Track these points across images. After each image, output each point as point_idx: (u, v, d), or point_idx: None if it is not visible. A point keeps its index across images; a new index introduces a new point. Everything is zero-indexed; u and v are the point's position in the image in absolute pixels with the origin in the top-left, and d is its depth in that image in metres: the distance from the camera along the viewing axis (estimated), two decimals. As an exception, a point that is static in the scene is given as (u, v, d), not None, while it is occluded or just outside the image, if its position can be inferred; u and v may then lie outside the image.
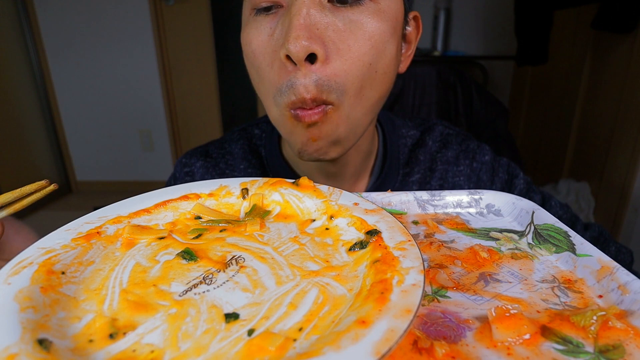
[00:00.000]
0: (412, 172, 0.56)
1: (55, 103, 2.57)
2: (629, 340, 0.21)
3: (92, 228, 0.30)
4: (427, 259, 0.31)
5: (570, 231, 0.32)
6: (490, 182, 0.57)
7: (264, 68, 0.40)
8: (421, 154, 0.57)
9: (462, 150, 0.58)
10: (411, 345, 0.21)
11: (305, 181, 0.36)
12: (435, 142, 0.58)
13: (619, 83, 1.45)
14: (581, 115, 1.71)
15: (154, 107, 2.59)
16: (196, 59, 2.52)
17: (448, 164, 0.57)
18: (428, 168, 0.57)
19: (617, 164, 1.46)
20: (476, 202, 0.40)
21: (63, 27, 2.42)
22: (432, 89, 1.01)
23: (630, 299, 0.24)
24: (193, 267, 0.26)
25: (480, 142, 0.60)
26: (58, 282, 0.24)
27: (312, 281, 0.25)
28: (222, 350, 0.20)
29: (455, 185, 0.57)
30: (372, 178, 0.55)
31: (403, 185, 0.55)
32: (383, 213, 0.31)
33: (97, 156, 2.71)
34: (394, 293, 0.21)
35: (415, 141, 0.58)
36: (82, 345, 0.20)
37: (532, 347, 0.21)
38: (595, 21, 1.47)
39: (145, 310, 0.22)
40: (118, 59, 2.49)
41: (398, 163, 0.56)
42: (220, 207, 0.35)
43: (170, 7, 2.41)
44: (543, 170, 1.99)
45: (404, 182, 0.56)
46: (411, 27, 0.47)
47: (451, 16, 2.26)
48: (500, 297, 0.26)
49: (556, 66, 1.83)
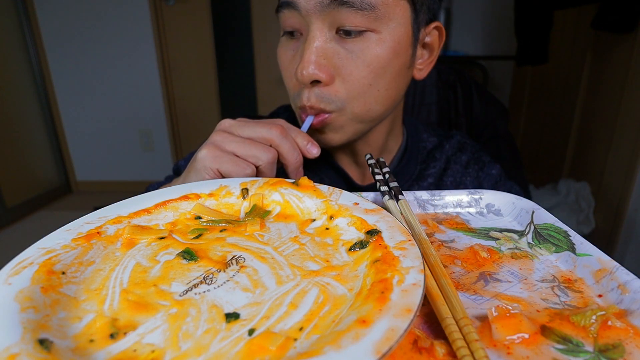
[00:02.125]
0: (428, 167, 0.62)
1: (55, 103, 2.57)
2: (629, 340, 0.21)
3: (93, 228, 0.30)
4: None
5: (570, 231, 0.32)
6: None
7: (286, 78, 0.51)
8: (438, 153, 0.63)
9: (474, 159, 0.64)
10: (411, 344, 0.21)
11: (305, 181, 0.36)
12: (452, 147, 0.64)
13: (619, 83, 1.45)
14: (581, 116, 1.71)
15: (154, 107, 2.59)
16: (196, 59, 2.52)
17: (460, 165, 0.63)
18: (443, 168, 0.63)
19: (617, 164, 1.46)
20: (476, 202, 0.40)
21: (63, 27, 2.42)
22: (432, 89, 1.01)
23: (629, 299, 0.24)
24: (193, 267, 0.27)
25: (494, 160, 0.65)
26: (58, 282, 0.24)
27: (312, 281, 0.25)
28: (223, 350, 0.20)
29: (463, 184, 0.61)
30: (390, 167, 0.60)
31: (419, 178, 0.61)
32: (383, 213, 0.31)
33: (97, 156, 2.71)
34: (394, 292, 0.21)
35: (434, 146, 0.64)
36: (83, 345, 0.20)
37: (532, 347, 0.21)
38: (595, 21, 1.47)
39: (146, 310, 0.22)
40: (118, 59, 2.49)
41: (416, 160, 0.62)
42: (220, 207, 0.36)
43: (170, 7, 2.41)
44: (543, 170, 1.99)
45: (420, 176, 0.61)
46: (432, 37, 0.52)
47: (451, 16, 2.26)
48: (500, 296, 0.26)
49: (556, 66, 1.83)
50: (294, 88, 0.49)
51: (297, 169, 0.43)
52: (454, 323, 0.22)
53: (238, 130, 0.42)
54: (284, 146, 0.41)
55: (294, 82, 0.49)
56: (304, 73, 0.44)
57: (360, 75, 0.46)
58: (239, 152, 0.40)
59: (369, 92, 0.47)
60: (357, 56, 0.45)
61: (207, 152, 0.40)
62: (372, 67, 0.46)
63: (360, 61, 0.46)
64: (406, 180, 0.60)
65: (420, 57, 0.53)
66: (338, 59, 0.46)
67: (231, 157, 0.40)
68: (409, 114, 0.98)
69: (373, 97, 0.48)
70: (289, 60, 0.49)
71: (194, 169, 0.41)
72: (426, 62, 0.54)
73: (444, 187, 0.61)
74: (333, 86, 0.47)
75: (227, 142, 0.40)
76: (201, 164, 0.40)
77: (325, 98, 0.47)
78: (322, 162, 0.61)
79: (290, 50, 0.49)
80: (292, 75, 0.49)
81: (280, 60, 0.51)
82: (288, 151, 0.42)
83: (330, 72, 0.46)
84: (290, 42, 0.49)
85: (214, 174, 0.40)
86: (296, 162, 0.42)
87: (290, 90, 0.51)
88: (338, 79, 0.46)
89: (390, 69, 0.47)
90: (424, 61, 0.53)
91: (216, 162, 0.39)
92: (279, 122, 0.43)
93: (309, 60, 0.44)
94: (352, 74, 0.46)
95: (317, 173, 0.62)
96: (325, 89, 0.46)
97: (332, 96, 0.47)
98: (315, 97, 0.47)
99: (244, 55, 2.63)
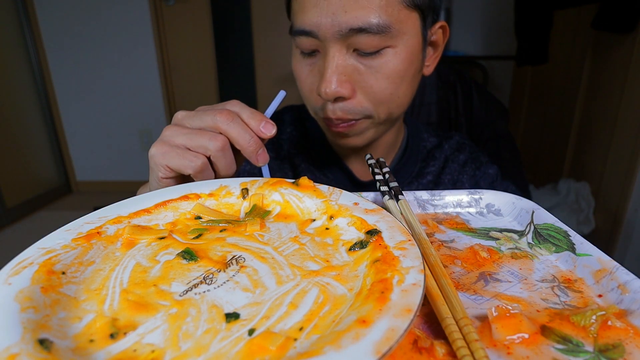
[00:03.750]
0: (428, 165, 0.64)
1: (55, 103, 2.57)
2: (629, 340, 0.21)
3: (93, 228, 0.30)
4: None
5: (570, 231, 0.32)
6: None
7: (305, 91, 0.53)
8: (437, 153, 0.65)
9: (472, 158, 0.65)
10: (411, 344, 0.21)
11: (305, 181, 0.36)
12: (451, 147, 0.66)
13: (619, 83, 1.45)
14: (581, 116, 1.71)
15: (154, 107, 2.59)
16: (196, 59, 2.52)
17: (458, 164, 0.64)
18: (441, 167, 0.64)
19: (617, 164, 1.46)
20: (476, 202, 0.40)
21: (63, 27, 2.42)
22: (432, 89, 1.01)
23: (629, 299, 0.24)
24: (193, 267, 0.27)
25: (491, 161, 0.66)
26: (58, 282, 0.24)
27: (312, 281, 0.25)
28: (223, 350, 0.20)
29: (460, 182, 0.63)
30: (392, 164, 0.63)
31: (419, 176, 0.63)
32: (383, 213, 0.31)
33: (97, 156, 2.71)
34: (394, 292, 0.21)
35: (433, 145, 0.67)
36: (83, 345, 0.20)
37: (532, 347, 0.21)
38: (595, 21, 1.47)
39: (146, 310, 0.22)
40: (118, 59, 2.49)
41: (416, 158, 0.64)
42: (220, 207, 0.36)
43: (170, 7, 2.41)
44: (543, 170, 1.99)
45: (420, 173, 0.63)
46: (437, 35, 0.54)
47: (451, 16, 2.26)
48: (500, 296, 0.26)
49: (556, 66, 1.83)
50: (315, 101, 0.51)
51: (253, 153, 0.39)
52: (454, 323, 0.22)
53: (189, 122, 0.40)
54: (232, 131, 0.38)
55: (315, 96, 0.51)
56: (327, 91, 0.46)
57: (381, 88, 0.48)
58: (188, 144, 0.38)
59: (390, 100, 0.50)
60: (377, 70, 0.47)
61: (156, 150, 0.39)
62: (391, 79, 0.48)
63: (380, 75, 0.47)
64: (406, 177, 0.62)
65: (427, 54, 0.55)
66: (358, 75, 0.48)
67: (180, 150, 0.38)
68: (408, 114, 0.98)
69: (395, 104, 0.51)
70: (307, 75, 0.51)
71: (150, 168, 0.41)
72: (432, 58, 0.56)
73: (441, 185, 0.63)
74: (356, 99, 0.49)
75: (176, 135, 0.39)
76: (152, 161, 0.40)
77: (350, 110, 0.49)
78: (325, 157, 0.63)
79: (307, 65, 0.51)
80: (311, 89, 0.51)
81: (298, 74, 0.53)
82: (238, 135, 0.38)
83: (352, 87, 0.48)
84: (307, 59, 0.51)
85: (166, 170, 0.39)
86: (249, 145, 0.39)
87: (311, 103, 0.53)
88: (359, 92, 0.48)
89: (407, 77, 0.50)
90: (429, 57, 0.56)
91: (165, 158, 0.38)
92: (228, 106, 0.41)
93: (331, 79, 0.46)
94: (373, 87, 0.48)
95: (320, 169, 0.62)
96: (348, 102, 0.49)
97: (357, 108, 0.49)
98: (340, 110, 0.49)
99: (244, 55, 2.63)
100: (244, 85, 2.69)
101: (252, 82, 2.61)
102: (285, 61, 2.52)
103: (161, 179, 0.40)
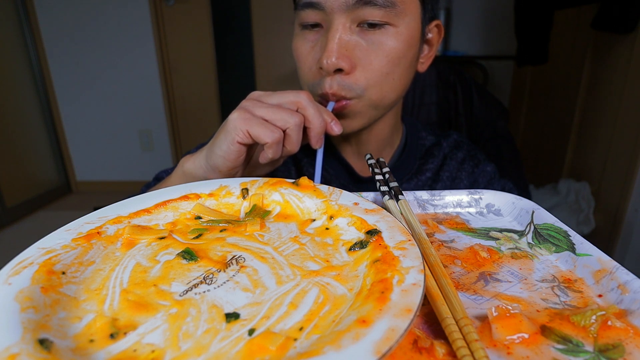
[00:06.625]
0: (427, 162, 0.65)
1: (55, 103, 2.57)
2: (629, 340, 0.21)
3: (93, 228, 0.30)
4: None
5: (570, 231, 0.32)
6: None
7: (303, 69, 0.53)
8: (436, 150, 0.66)
9: (470, 156, 0.66)
10: (411, 344, 0.21)
11: (305, 181, 0.36)
12: (450, 145, 0.68)
13: (619, 83, 1.45)
14: (581, 116, 1.71)
15: (154, 107, 2.58)
16: (196, 59, 2.52)
17: (456, 162, 0.66)
18: (440, 164, 0.65)
19: (617, 164, 1.46)
20: (476, 202, 0.40)
21: (63, 27, 2.42)
22: (432, 89, 1.01)
23: (629, 299, 0.24)
24: (193, 267, 0.27)
25: (489, 159, 0.68)
26: (58, 282, 0.24)
27: (312, 281, 0.25)
28: (223, 350, 0.20)
29: (459, 178, 0.64)
30: (391, 161, 0.65)
31: (418, 172, 0.64)
32: (383, 213, 0.31)
33: (97, 156, 2.71)
34: (394, 292, 0.21)
35: (432, 143, 0.68)
36: (83, 345, 0.20)
37: (532, 347, 0.21)
38: (595, 21, 1.47)
39: (146, 310, 0.22)
40: (118, 59, 2.49)
41: (415, 156, 0.65)
42: (220, 207, 0.36)
43: (170, 7, 2.41)
44: (543, 170, 1.99)
45: (419, 170, 0.64)
46: (433, 33, 0.56)
47: (451, 16, 2.26)
48: (500, 296, 0.26)
49: (556, 66, 1.83)
50: (313, 77, 0.52)
51: (319, 135, 0.45)
52: (454, 323, 0.22)
53: (266, 99, 0.44)
54: (310, 109, 0.44)
55: (313, 71, 0.52)
56: (329, 62, 0.47)
57: (380, 65, 0.49)
58: (268, 116, 0.42)
59: (385, 80, 0.51)
60: (377, 47, 0.49)
61: (238, 115, 0.42)
62: (390, 57, 0.49)
63: (380, 52, 0.49)
64: (406, 174, 0.63)
65: (422, 52, 0.57)
66: (359, 50, 0.49)
67: (261, 120, 0.42)
68: (408, 114, 0.98)
69: (389, 85, 0.52)
70: (308, 51, 0.52)
71: (224, 131, 0.43)
72: (427, 56, 0.58)
73: (440, 181, 0.64)
74: (354, 75, 0.49)
75: (257, 108, 0.43)
76: (232, 124, 0.42)
77: (346, 86, 0.50)
78: (326, 153, 0.63)
79: (309, 42, 0.52)
80: (310, 65, 0.52)
81: (298, 51, 0.54)
82: (314, 115, 0.44)
83: (352, 61, 0.49)
84: (309, 33, 0.52)
85: (244, 135, 0.42)
86: (320, 126, 0.44)
87: (309, 79, 0.53)
88: (359, 68, 0.49)
89: (404, 59, 0.51)
90: (424, 55, 0.58)
91: (247, 124, 0.41)
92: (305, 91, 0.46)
93: (333, 50, 0.47)
94: (372, 63, 0.49)
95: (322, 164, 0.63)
96: (346, 78, 0.49)
97: (353, 84, 0.50)
98: (337, 84, 0.50)
99: (244, 55, 2.63)
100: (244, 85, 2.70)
101: (252, 82, 2.60)
102: (285, 61, 2.52)
103: (237, 142, 0.42)
